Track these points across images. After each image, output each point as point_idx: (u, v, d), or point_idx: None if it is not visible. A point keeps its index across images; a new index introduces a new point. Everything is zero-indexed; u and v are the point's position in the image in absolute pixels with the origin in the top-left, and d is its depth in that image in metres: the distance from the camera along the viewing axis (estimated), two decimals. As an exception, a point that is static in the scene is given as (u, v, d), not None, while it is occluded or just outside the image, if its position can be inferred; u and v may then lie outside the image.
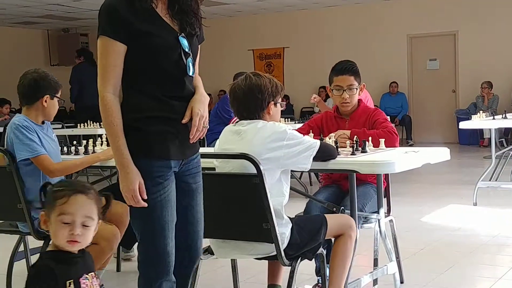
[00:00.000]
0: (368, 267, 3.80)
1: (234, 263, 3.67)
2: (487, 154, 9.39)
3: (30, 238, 3.78)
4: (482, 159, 10.47)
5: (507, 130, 11.87)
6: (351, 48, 14.40)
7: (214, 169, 3.15)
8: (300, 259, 3.04)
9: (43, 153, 3.52)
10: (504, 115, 7.31)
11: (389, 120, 3.94)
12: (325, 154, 3.09)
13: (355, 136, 3.53)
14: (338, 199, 3.67)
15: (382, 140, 3.61)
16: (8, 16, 14.51)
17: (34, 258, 3.84)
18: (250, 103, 3.07)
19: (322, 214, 3.25)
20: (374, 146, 3.59)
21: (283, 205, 3.02)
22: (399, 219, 4.33)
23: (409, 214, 6.19)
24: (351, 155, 3.31)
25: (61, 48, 16.70)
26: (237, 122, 3.15)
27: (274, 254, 2.96)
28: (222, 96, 8.72)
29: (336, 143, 3.33)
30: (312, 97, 6.57)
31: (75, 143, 4.47)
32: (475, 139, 12.83)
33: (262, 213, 2.86)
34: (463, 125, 6.93)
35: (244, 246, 3.03)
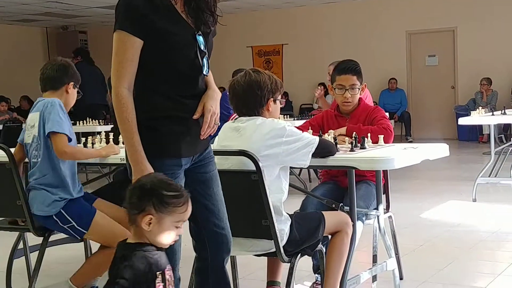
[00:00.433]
0: (367, 263, 3.80)
1: (233, 260, 3.67)
2: (486, 150, 9.40)
3: (30, 235, 3.78)
4: (481, 155, 10.48)
5: (506, 126, 11.89)
6: (350, 44, 14.40)
7: (214, 166, 3.15)
8: (299, 256, 3.04)
9: (65, 132, 3.54)
10: (503, 111, 7.31)
11: (387, 118, 3.94)
12: (324, 150, 3.09)
13: (354, 132, 3.53)
14: (336, 196, 3.67)
15: (381, 137, 3.62)
16: (7, 13, 14.50)
17: (33, 256, 3.85)
18: (249, 100, 3.07)
19: (319, 211, 3.26)
20: (373, 143, 3.59)
21: (282, 201, 3.02)
22: (398, 215, 4.33)
23: (408, 210, 6.20)
24: (350, 151, 3.31)
25: (60, 45, 16.68)
26: (236, 118, 3.15)
27: (273, 250, 2.96)
28: (222, 93, 8.68)
29: (335, 139, 3.33)
30: (317, 91, 6.56)
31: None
32: (474, 135, 12.84)
33: (261, 209, 2.86)
34: (462, 121, 6.93)
35: (243, 242, 3.03)
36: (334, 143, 3.25)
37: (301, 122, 4.32)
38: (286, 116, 8.59)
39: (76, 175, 3.62)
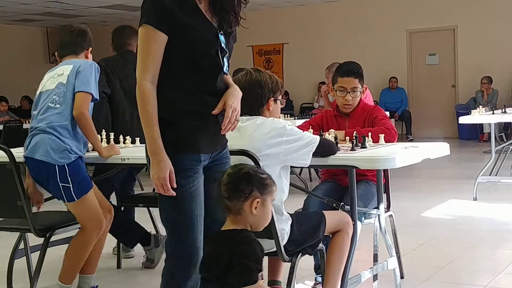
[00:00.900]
0: (368, 262, 3.80)
1: (234, 259, 3.66)
2: (487, 149, 9.39)
3: (30, 235, 3.79)
4: (482, 154, 10.48)
5: (507, 125, 11.85)
6: (351, 43, 14.41)
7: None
8: (300, 255, 3.04)
9: (92, 93, 3.55)
10: (503, 110, 7.31)
11: (388, 117, 3.94)
12: (324, 149, 3.09)
13: (354, 132, 3.52)
14: (337, 195, 3.67)
15: (382, 136, 3.62)
16: (7, 13, 14.50)
17: (34, 256, 3.86)
18: (250, 99, 3.07)
19: (320, 211, 3.26)
20: (373, 142, 3.59)
21: (283, 201, 3.02)
22: (399, 214, 4.33)
23: (409, 210, 6.20)
24: (351, 150, 3.31)
25: (60, 45, 16.66)
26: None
27: (274, 250, 2.96)
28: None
29: (335, 138, 3.33)
30: (323, 88, 6.56)
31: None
32: (475, 134, 12.83)
33: (262, 209, 2.86)
34: (463, 120, 6.93)
35: (244, 242, 3.03)
36: (335, 142, 3.25)
37: (301, 122, 4.32)
38: (286, 115, 8.58)
39: (86, 143, 3.62)
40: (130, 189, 4.88)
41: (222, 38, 2.56)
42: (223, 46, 2.56)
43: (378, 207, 3.58)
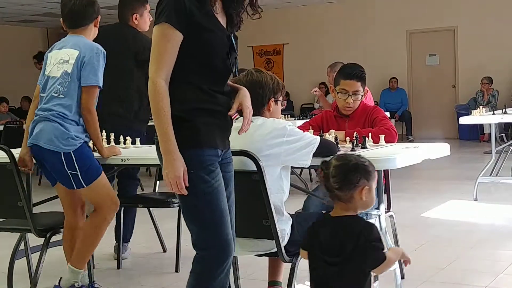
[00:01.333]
0: (369, 263, 3.79)
1: (234, 260, 3.66)
2: (487, 149, 9.39)
3: (31, 236, 3.79)
4: (482, 154, 10.48)
5: (507, 125, 11.85)
6: (351, 44, 14.41)
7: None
8: (300, 256, 3.04)
9: (99, 85, 3.51)
10: (504, 110, 7.31)
11: (388, 118, 3.94)
12: (325, 150, 3.09)
13: (355, 132, 3.52)
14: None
15: (382, 136, 3.62)
16: (8, 14, 14.50)
17: (34, 256, 3.86)
18: (251, 99, 3.07)
19: (321, 211, 3.26)
20: (374, 142, 3.59)
21: (283, 201, 3.02)
22: (399, 214, 4.33)
23: (409, 210, 6.20)
24: (351, 151, 3.31)
25: (60, 46, 16.66)
26: (237, 118, 3.14)
27: (275, 250, 2.96)
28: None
29: (336, 139, 3.33)
30: (313, 89, 6.55)
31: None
32: (475, 134, 12.83)
33: (262, 209, 2.87)
34: (463, 120, 6.93)
35: (244, 242, 3.03)
36: (335, 142, 3.24)
37: (302, 122, 4.31)
38: (287, 115, 8.58)
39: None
40: (132, 189, 4.86)
41: (232, 40, 2.62)
42: (234, 48, 2.62)
43: (378, 208, 3.57)
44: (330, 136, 3.49)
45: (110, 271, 4.53)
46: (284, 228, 2.97)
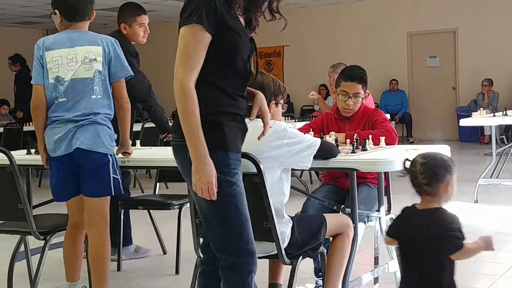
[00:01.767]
0: (369, 265, 3.80)
1: (235, 262, 3.66)
2: (488, 151, 9.38)
3: (31, 238, 3.78)
4: (483, 156, 10.47)
5: (508, 127, 11.87)
6: (351, 46, 14.41)
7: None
8: (301, 258, 3.04)
9: (132, 74, 3.54)
10: (504, 112, 7.30)
11: (388, 120, 3.94)
12: (325, 152, 3.09)
13: (355, 134, 3.52)
14: (337, 198, 3.67)
15: (383, 138, 3.61)
16: (7, 16, 14.51)
17: (34, 258, 3.85)
18: (252, 101, 3.07)
19: (321, 214, 3.26)
20: (374, 145, 3.59)
21: (284, 203, 3.02)
22: (400, 217, 4.31)
23: (410, 212, 6.17)
24: (352, 153, 3.31)
25: (60, 47, 16.66)
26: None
27: (275, 253, 2.96)
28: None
29: (336, 141, 3.33)
30: (310, 93, 6.54)
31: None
32: (476, 136, 12.83)
33: (263, 212, 2.86)
34: (464, 122, 6.93)
35: (245, 245, 3.02)
36: (336, 145, 3.24)
37: (302, 124, 4.31)
38: (287, 117, 8.58)
39: None
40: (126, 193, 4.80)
41: (253, 43, 2.63)
42: (255, 51, 2.63)
43: (379, 210, 3.57)
44: (330, 138, 3.49)
45: (110, 273, 4.52)
46: (284, 230, 2.96)
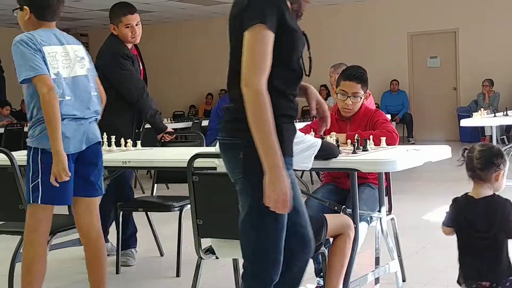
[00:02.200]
0: (370, 265, 3.80)
1: (235, 263, 3.66)
2: (489, 152, 9.36)
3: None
4: (484, 157, 10.44)
5: (508, 127, 11.85)
6: (352, 46, 14.40)
7: (215, 168, 3.14)
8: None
9: None
10: (505, 113, 7.31)
11: (389, 121, 3.94)
12: (326, 153, 3.08)
13: (356, 135, 3.52)
14: (338, 198, 3.67)
15: (383, 139, 3.61)
16: (8, 16, 14.49)
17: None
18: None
19: (322, 214, 3.25)
20: (375, 145, 3.58)
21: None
22: (400, 217, 4.32)
23: (410, 212, 6.19)
24: (352, 153, 3.31)
25: (61, 48, 16.67)
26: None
27: (276, 253, 2.94)
28: (222, 95, 8.69)
29: (337, 141, 3.33)
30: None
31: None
32: (476, 136, 12.81)
33: (264, 212, 2.85)
34: (464, 122, 6.93)
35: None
36: (337, 145, 3.24)
37: (303, 124, 4.30)
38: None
39: None
40: (130, 193, 4.80)
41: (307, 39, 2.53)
42: (307, 49, 2.53)
43: (380, 210, 3.57)
44: (331, 138, 3.48)
45: (109, 275, 4.51)
46: (285, 231, 2.95)
